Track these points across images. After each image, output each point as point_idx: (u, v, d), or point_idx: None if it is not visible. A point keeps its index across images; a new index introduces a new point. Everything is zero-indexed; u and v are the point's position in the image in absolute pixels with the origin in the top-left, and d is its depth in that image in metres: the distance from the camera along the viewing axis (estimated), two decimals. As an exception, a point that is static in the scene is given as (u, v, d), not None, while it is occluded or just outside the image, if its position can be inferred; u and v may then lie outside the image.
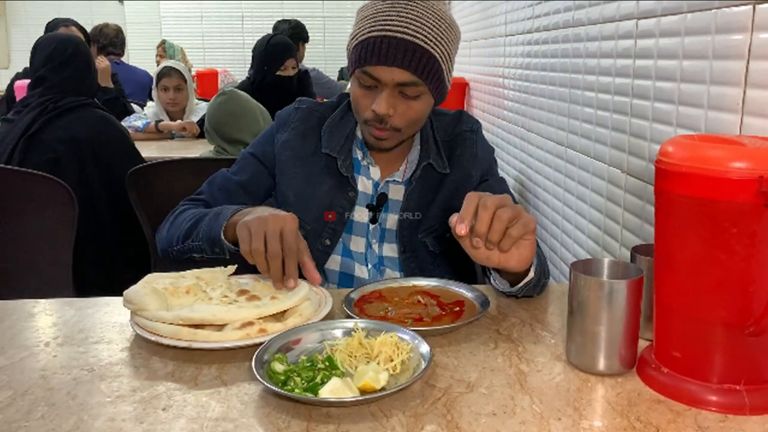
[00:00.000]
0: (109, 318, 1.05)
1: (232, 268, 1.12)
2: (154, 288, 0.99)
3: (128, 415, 0.76)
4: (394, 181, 1.32)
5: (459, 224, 0.93)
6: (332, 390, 0.77)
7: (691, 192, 0.75)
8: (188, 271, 1.09)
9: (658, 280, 0.83)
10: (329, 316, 1.01)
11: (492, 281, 1.12)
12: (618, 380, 0.84)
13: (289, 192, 1.33)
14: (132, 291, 0.98)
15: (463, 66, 3.26)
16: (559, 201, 1.86)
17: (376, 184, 1.33)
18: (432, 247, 1.32)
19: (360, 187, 1.32)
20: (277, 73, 3.31)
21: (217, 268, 1.11)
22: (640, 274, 0.84)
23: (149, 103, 3.55)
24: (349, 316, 1.00)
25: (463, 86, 3.23)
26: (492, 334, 0.98)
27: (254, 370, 0.80)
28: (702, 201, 0.74)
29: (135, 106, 3.70)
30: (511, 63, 2.41)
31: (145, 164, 2.06)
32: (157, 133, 3.32)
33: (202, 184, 2.06)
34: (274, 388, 0.77)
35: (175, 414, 0.77)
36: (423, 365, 0.83)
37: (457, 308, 1.03)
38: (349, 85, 1.38)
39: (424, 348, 0.86)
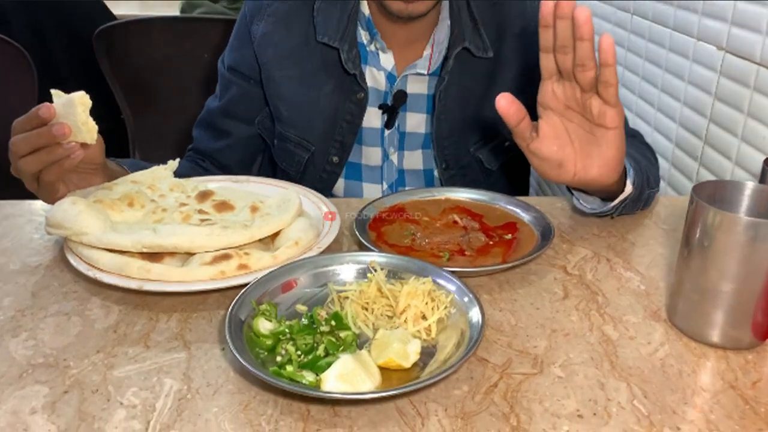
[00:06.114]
0: (42, 233, 0.79)
1: (174, 163, 0.83)
2: (90, 203, 0.71)
3: (40, 402, 0.52)
4: (417, 73, 0.99)
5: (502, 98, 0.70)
6: (341, 374, 0.52)
7: None
8: (120, 178, 0.81)
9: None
10: (335, 245, 0.75)
11: (575, 201, 0.84)
12: (748, 357, 0.59)
13: (280, 104, 1.02)
14: (59, 211, 0.70)
15: None
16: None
17: (390, 77, 1.00)
18: (488, 163, 1.04)
19: (369, 82, 0.99)
20: None
21: (157, 167, 0.83)
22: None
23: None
24: (362, 246, 0.74)
25: None
26: (558, 275, 0.72)
27: (228, 340, 0.54)
28: None
29: None
30: None
31: (114, 23, 1.73)
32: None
33: (183, 47, 1.75)
34: (257, 372, 0.51)
35: (108, 402, 0.52)
36: (469, 331, 0.58)
37: (509, 235, 0.77)
38: None
39: (475, 312, 0.59)
